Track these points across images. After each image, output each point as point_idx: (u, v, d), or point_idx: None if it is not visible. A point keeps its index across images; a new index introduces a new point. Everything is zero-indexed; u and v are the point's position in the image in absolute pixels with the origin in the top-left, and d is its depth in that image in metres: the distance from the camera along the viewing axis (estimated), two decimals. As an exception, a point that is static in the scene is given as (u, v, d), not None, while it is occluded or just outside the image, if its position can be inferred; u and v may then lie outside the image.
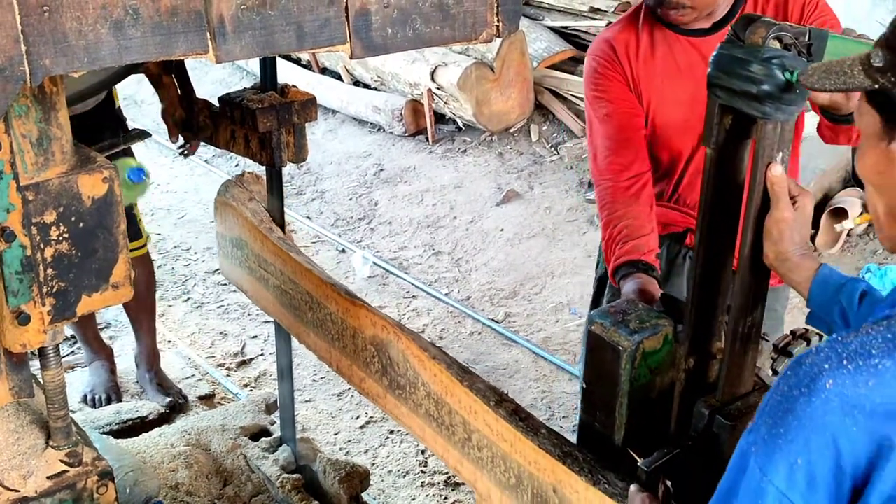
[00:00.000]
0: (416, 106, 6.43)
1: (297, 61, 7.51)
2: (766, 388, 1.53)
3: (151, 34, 1.15)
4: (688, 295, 1.57)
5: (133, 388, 3.78)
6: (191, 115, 2.49)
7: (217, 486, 2.78)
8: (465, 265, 5.04)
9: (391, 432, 3.64)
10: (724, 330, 1.54)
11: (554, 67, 6.34)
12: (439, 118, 6.49)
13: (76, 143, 1.42)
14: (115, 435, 3.11)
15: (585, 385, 1.68)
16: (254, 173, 2.63)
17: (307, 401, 3.84)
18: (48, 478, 1.57)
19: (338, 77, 7.19)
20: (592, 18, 6.32)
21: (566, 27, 6.47)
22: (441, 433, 1.87)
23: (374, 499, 3.25)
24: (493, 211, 5.55)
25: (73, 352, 3.96)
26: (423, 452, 3.51)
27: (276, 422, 3.01)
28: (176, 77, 2.49)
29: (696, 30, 2.20)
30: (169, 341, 4.22)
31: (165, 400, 3.55)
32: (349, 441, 3.62)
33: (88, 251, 1.41)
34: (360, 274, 4.93)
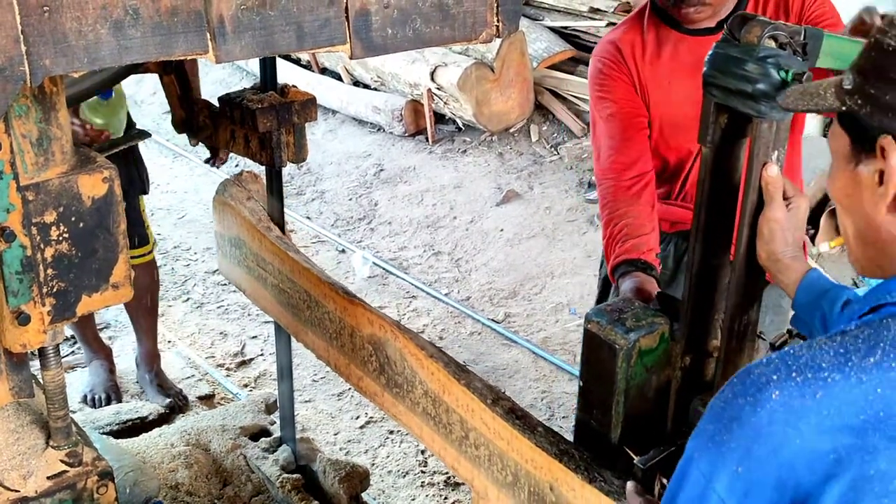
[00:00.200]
0: (415, 106, 6.43)
1: (296, 61, 7.50)
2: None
3: (151, 34, 1.16)
4: (684, 293, 1.58)
5: (133, 388, 3.79)
6: (191, 115, 2.50)
7: (217, 486, 2.78)
8: (464, 265, 5.04)
9: (391, 432, 3.64)
10: (721, 328, 1.55)
11: (554, 67, 6.34)
12: (439, 118, 6.48)
13: (76, 144, 1.43)
14: (115, 435, 3.10)
15: (582, 383, 1.68)
16: (252, 172, 2.63)
17: (307, 401, 3.84)
18: (48, 478, 1.58)
19: (338, 77, 7.19)
20: (592, 19, 6.32)
21: (566, 27, 6.47)
22: (438, 431, 1.87)
23: (374, 499, 3.25)
24: (493, 211, 5.55)
25: (72, 352, 3.97)
26: (422, 452, 3.51)
27: (275, 422, 3.00)
28: (176, 77, 2.49)
29: (701, 29, 2.20)
30: (169, 341, 4.23)
31: (165, 400, 3.55)
32: (349, 441, 3.62)
33: (88, 251, 1.41)
34: (359, 274, 4.93)
